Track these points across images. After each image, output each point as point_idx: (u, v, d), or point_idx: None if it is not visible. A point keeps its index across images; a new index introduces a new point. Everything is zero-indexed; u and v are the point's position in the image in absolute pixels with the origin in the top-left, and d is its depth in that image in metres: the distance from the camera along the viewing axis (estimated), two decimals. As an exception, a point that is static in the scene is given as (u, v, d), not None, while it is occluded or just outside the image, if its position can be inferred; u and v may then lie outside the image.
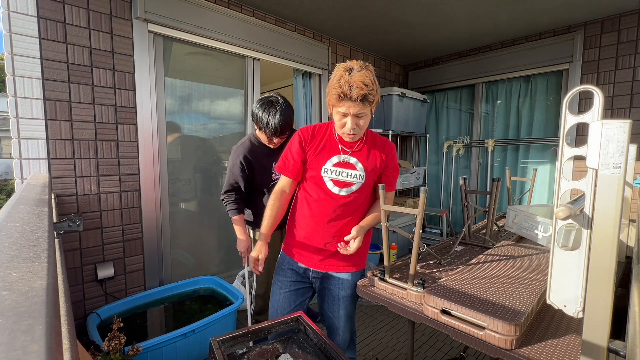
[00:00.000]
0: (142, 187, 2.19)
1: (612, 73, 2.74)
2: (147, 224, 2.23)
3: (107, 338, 1.44)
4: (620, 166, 0.63)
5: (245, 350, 1.12)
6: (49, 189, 1.32)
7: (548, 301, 0.80)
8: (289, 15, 2.77)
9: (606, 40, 2.77)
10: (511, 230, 1.78)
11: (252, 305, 1.97)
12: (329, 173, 1.32)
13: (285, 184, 1.40)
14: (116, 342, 1.42)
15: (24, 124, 1.76)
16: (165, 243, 2.36)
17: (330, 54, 3.24)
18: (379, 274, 1.27)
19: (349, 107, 1.19)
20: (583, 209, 0.72)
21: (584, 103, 2.86)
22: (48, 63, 1.80)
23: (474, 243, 1.70)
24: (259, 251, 1.35)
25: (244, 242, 1.79)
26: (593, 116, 0.69)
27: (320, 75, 3.25)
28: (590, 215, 0.71)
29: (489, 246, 1.61)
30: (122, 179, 2.11)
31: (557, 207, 0.69)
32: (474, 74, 3.60)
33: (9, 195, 12.16)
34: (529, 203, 2.45)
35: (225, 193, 1.81)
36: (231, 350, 1.07)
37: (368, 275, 1.32)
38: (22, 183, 1.76)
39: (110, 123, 2.03)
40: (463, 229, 1.70)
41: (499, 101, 3.60)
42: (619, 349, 0.65)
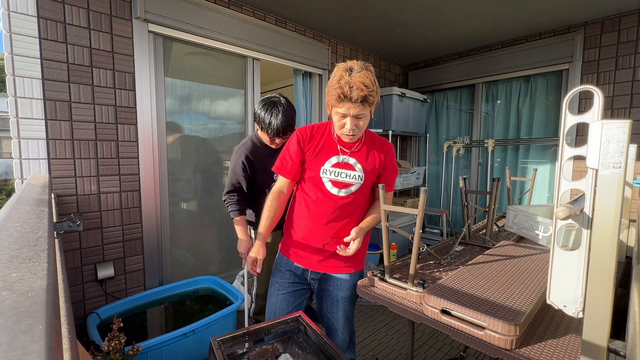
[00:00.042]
0: (142, 187, 2.19)
1: (612, 73, 2.74)
2: (147, 224, 2.23)
3: (107, 338, 1.43)
4: (620, 166, 0.63)
5: (245, 350, 1.12)
6: (49, 189, 1.32)
7: (548, 301, 0.80)
8: (289, 15, 2.77)
9: (606, 40, 2.77)
10: (511, 230, 1.78)
11: (253, 305, 1.97)
12: (328, 174, 1.31)
13: (283, 184, 1.38)
14: (116, 342, 1.42)
15: (24, 124, 1.76)
16: (165, 243, 2.36)
17: (330, 54, 3.24)
18: (379, 274, 1.27)
19: (348, 108, 1.17)
20: (583, 209, 0.72)
21: (584, 103, 2.86)
22: (48, 63, 1.80)
23: (474, 243, 1.70)
24: (257, 252, 1.35)
25: (244, 243, 1.80)
26: (593, 116, 0.69)
27: (320, 75, 3.25)
28: (590, 215, 0.71)
29: (489, 246, 1.61)
30: (122, 179, 2.11)
31: (557, 207, 0.69)
32: (474, 74, 3.60)
33: (9, 195, 12.16)
34: (529, 203, 2.45)
35: (228, 194, 1.81)
36: (231, 350, 1.07)
37: (368, 275, 1.32)
38: (22, 183, 1.76)
39: (110, 123, 2.03)
40: (463, 229, 1.70)
41: (499, 101, 3.60)
42: (619, 349, 0.65)
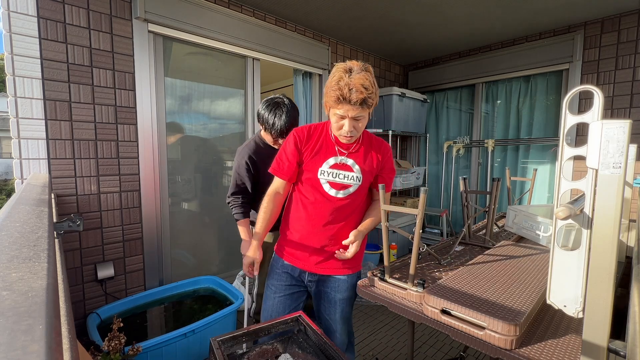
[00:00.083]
0: (142, 187, 2.19)
1: (612, 73, 2.74)
2: (147, 224, 2.23)
3: (107, 338, 1.44)
4: (620, 166, 0.63)
5: (245, 350, 1.12)
6: (49, 189, 1.32)
7: (548, 301, 0.80)
8: (289, 15, 2.77)
9: (606, 40, 2.77)
10: (511, 230, 1.78)
11: (253, 304, 1.97)
12: (326, 175, 1.29)
13: (279, 185, 1.37)
14: (116, 342, 1.42)
15: (24, 124, 1.76)
16: (165, 243, 2.36)
17: (330, 54, 3.24)
18: (379, 274, 1.27)
19: (347, 110, 1.16)
20: (583, 209, 0.72)
21: (584, 103, 2.86)
22: (48, 63, 1.80)
23: (474, 243, 1.70)
24: (254, 255, 1.34)
25: (248, 244, 1.80)
26: (593, 116, 0.69)
27: (320, 75, 3.25)
28: (590, 215, 0.71)
29: (489, 246, 1.61)
30: (122, 179, 2.11)
31: (557, 207, 0.69)
32: (474, 74, 3.60)
33: (9, 195, 12.16)
34: (529, 203, 2.45)
35: (232, 195, 1.81)
36: (231, 350, 1.07)
37: (368, 275, 1.32)
38: (22, 183, 1.76)
39: (110, 123, 2.03)
40: (463, 229, 1.70)
41: (499, 101, 3.60)
42: (619, 349, 0.65)
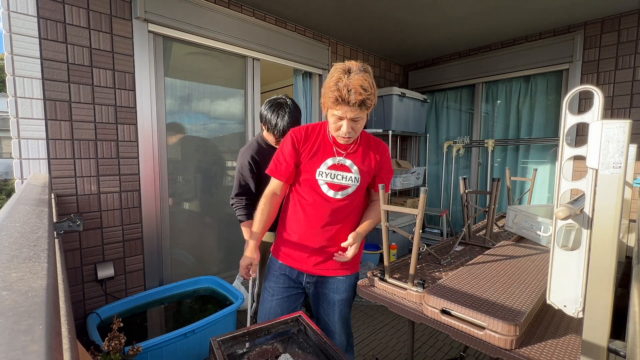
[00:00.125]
0: (142, 187, 2.19)
1: (612, 73, 2.74)
2: (147, 224, 2.23)
3: (107, 338, 1.43)
4: (620, 166, 0.63)
5: (245, 350, 1.12)
6: (49, 189, 1.32)
7: (548, 301, 0.80)
8: (289, 15, 2.77)
9: (606, 40, 2.77)
10: (511, 230, 1.78)
11: (254, 304, 1.97)
12: (324, 176, 1.28)
13: (276, 186, 1.35)
14: (116, 342, 1.42)
15: (24, 124, 1.76)
16: (165, 243, 2.36)
17: (330, 54, 3.24)
18: (379, 274, 1.27)
19: (346, 112, 1.15)
20: (583, 209, 0.72)
21: (584, 103, 2.85)
22: (48, 63, 1.80)
23: (474, 243, 1.70)
24: (251, 255, 1.33)
25: None
26: (593, 116, 0.69)
27: (320, 75, 3.25)
28: (590, 215, 0.71)
29: (489, 246, 1.61)
30: (122, 179, 2.11)
31: (557, 207, 0.69)
32: (474, 74, 3.60)
33: (9, 195, 12.16)
34: (529, 203, 2.45)
35: (236, 197, 1.80)
36: (231, 350, 1.07)
37: (368, 275, 1.32)
38: (22, 183, 1.76)
39: (110, 123, 2.03)
40: (463, 229, 1.70)
41: (499, 101, 3.60)
42: (619, 349, 0.65)
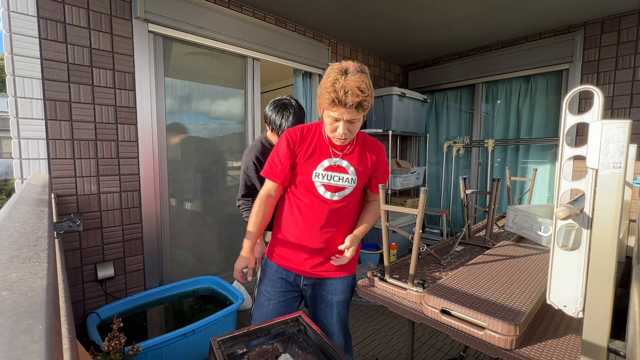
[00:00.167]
0: (142, 187, 2.19)
1: (612, 73, 2.74)
2: (147, 224, 2.23)
3: (107, 338, 1.43)
4: (620, 166, 0.63)
5: (245, 350, 1.12)
6: (49, 189, 1.32)
7: (548, 301, 0.80)
8: (289, 15, 2.77)
9: (606, 40, 2.77)
10: (511, 230, 1.78)
11: (254, 304, 1.97)
12: (320, 177, 1.26)
13: (271, 188, 1.33)
14: (116, 342, 1.42)
15: (24, 124, 1.76)
16: (165, 243, 2.36)
17: (330, 54, 3.24)
18: (379, 274, 1.27)
19: (342, 113, 1.13)
20: (583, 209, 0.72)
21: (584, 103, 2.85)
22: (48, 63, 1.80)
23: (474, 243, 1.70)
24: (247, 255, 1.32)
25: (257, 246, 1.80)
26: (593, 116, 0.69)
27: (320, 75, 3.25)
28: (590, 215, 0.71)
29: (489, 246, 1.61)
30: (122, 179, 2.11)
31: (557, 207, 0.69)
32: (474, 74, 3.60)
33: (9, 195, 12.15)
34: (529, 203, 2.45)
35: (243, 198, 1.80)
36: (231, 350, 1.07)
37: (368, 275, 1.32)
38: (22, 183, 1.76)
39: (110, 123, 2.03)
40: (463, 229, 1.70)
41: (499, 101, 3.60)
42: (619, 349, 0.65)
